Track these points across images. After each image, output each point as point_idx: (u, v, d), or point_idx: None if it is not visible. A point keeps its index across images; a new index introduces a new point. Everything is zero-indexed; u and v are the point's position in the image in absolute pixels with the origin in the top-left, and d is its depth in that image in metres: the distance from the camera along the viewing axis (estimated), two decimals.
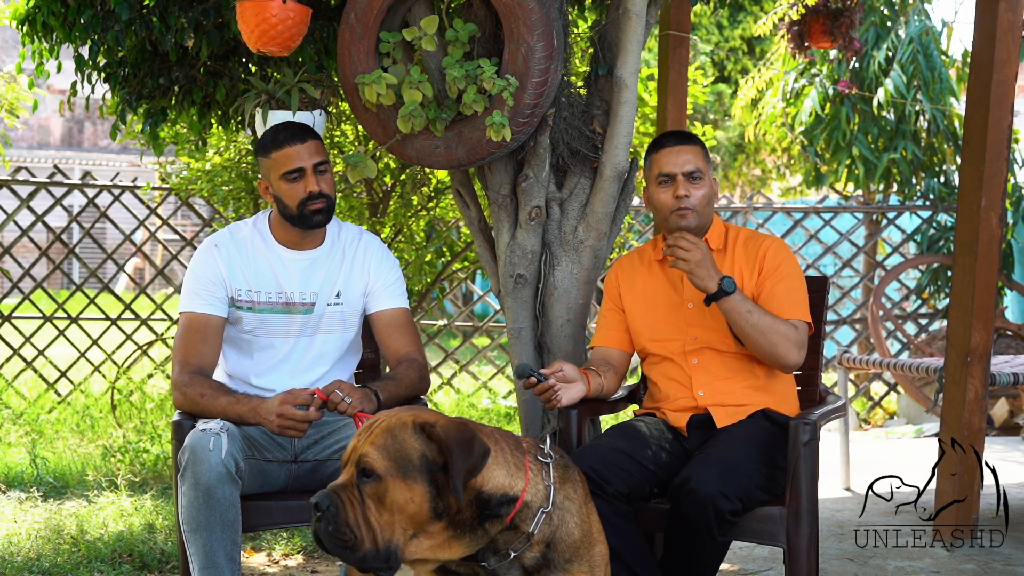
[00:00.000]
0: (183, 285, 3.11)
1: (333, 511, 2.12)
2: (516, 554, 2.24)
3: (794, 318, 2.96)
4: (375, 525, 2.13)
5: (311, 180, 3.03)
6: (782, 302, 2.97)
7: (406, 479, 2.15)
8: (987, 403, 4.03)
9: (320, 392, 2.83)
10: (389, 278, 3.19)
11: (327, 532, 2.12)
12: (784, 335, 2.91)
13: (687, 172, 3.01)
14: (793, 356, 2.93)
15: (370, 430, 2.20)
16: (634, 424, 3.00)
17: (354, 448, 2.19)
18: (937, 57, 7.51)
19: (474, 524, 2.20)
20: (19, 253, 16.27)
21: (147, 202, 7.12)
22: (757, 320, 2.89)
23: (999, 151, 3.94)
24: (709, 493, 2.60)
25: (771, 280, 3.00)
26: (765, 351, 2.92)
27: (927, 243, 7.59)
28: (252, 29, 3.28)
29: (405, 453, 2.16)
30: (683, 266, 2.89)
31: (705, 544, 2.65)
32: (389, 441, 2.17)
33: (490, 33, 3.35)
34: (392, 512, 2.14)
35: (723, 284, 2.87)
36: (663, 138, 3.10)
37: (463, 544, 2.20)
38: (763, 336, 2.90)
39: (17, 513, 4.49)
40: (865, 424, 7.45)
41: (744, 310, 2.88)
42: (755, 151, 11.11)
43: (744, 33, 12.87)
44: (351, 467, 2.17)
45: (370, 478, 2.15)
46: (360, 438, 2.20)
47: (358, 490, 2.14)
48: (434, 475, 2.16)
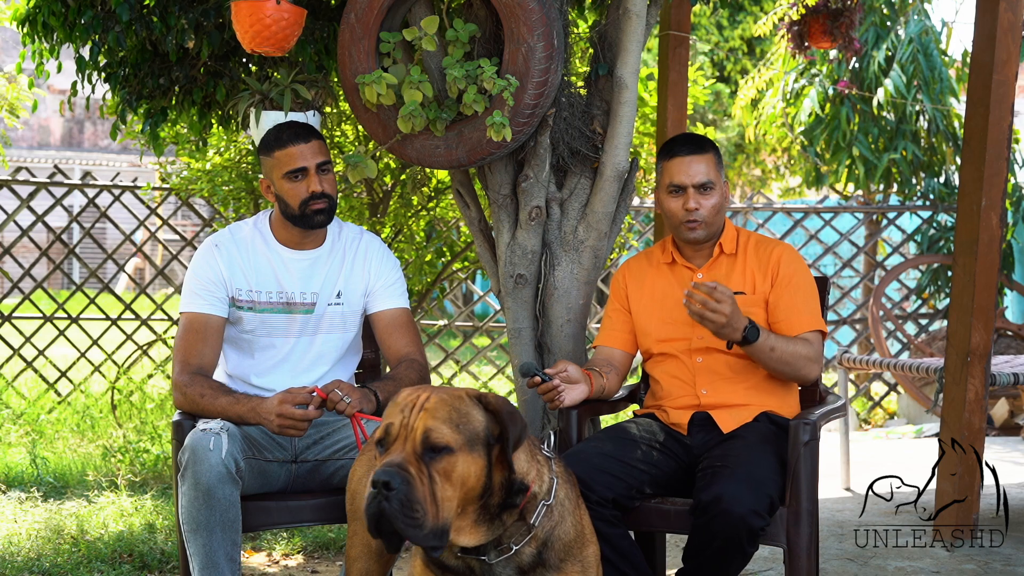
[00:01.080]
0: (184, 285, 3.11)
1: (405, 488, 2.05)
2: (516, 548, 2.23)
3: (811, 329, 2.97)
4: (439, 501, 2.09)
5: (314, 180, 3.03)
6: (801, 314, 2.98)
7: (472, 452, 2.13)
8: (987, 403, 4.03)
9: (319, 391, 2.83)
10: (390, 278, 3.19)
11: (396, 511, 2.04)
12: (806, 358, 2.93)
13: (698, 184, 3.00)
14: (814, 373, 2.98)
15: (417, 406, 2.14)
16: (623, 426, 3.00)
17: (405, 425, 2.12)
18: (937, 57, 7.51)
19: (497, 511, 2.19)
20: (19, 253, 16.28)
21: (147, 202, 7.12)
22: (780, 354, 2.90)
23: (999, 151, 3.94)
24: (741, 513, 2.59)
25: (788, 291, 3.00)
26: (789, 376, 2.97)
27: (927, 243, 7.59)
28: (247, 29, 3.29)
29: (472, 426, 2.15)
30: (710, 326, 2.80)
31: (735, 558, 2.66)
32: (454, 415, 2.14)
33: (490, 33, 3.35)
34: (455, 487, 2.11)
35: (747, 333, 2.83)
36: (676, 144, 3.07)
37: (482, 531, 2.19)
38: (787, 366, 2.93)
39: (17, 513, 4.49)
40: (865, 424, 7.45)
41: (767, 348, 2.88)
42: (755, 151, 11.11)
43: (744, 33, 12.87)
44: (410, 443, 2.10)
45: (440, 452, 2.10)
46: (408, 414, 2.13)
47: (425, 466, 2.09)
48: (489, 448, 2.16)
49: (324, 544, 4.15)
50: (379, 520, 2.07)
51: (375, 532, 2.08)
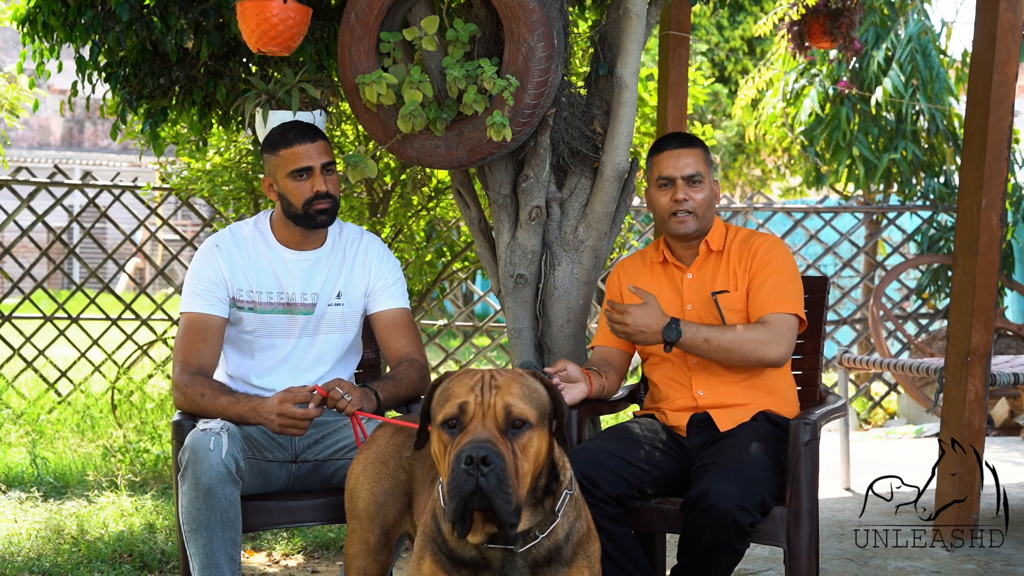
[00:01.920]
0: (184, 285, 3.10)
1: (500, 463, 2.05)
2: (541, 536, 2.21)
3: (778, 311, 2.94)
4: (520, 476, 2.10)
5: (318, 179, 3.03)
6: (768, 295, 2.96)
7: (543, 427, 2.16)
8: (987, 403, 4.03)
9: (320, 389, 2.83)
10: (390, 278, 3.19)
11: (494, 486, 2.04)
12: (754, 340, 2.90)
13: (687, 176, 3.02)
14: (772, 353, 2.92)
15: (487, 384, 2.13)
16: (627, 426, 3.01)
17: (480, 402, 2.11)
18: (935, 57, 7.51)
19: (541, 495, 2.20)
20: (19, 253, 16.28)
21: (147, 202, 7.12)
22: (718, 344, 2.89)
23: (999, 151, 3.94)
24: (728, 508, 2.60)
25: (760, 275, 2.99)
26: (743, 363, 2.94)
27: (927, 243, 7.59)
28: (252, 29, 3.29)
29: (542, 402, 2.17)
30: (622, 336, 2.95)
31: (724, 554, 2.66)
32: (527, 390, 2.15)
33: (490, 33, 3.35)
34: (531, 463, 2.13)
35: (665, 336, 2.89)
36: (664, 140, 3.10)
37: (527, 515, 2.18)
38: (731, 353, 2.91)
39: (18, 513, 4.49)
40: (865, 424, 7.45)
41: (700, 341, 2.90)
42: (755, 151, 11.11)
43: (744, 34, 12.87)
44: (491, 420, 2.10)
45: (522, 428, 2.11)
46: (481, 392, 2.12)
47: (509, 441, 2.10)
48: (550, 425, 2.19)
49: (324, 544, 4.16)
50: (470, 498, 2.05)
51: (461, 512, 2.07)
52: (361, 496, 2.67)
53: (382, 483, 2.65)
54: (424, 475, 2.59)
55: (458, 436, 2.11)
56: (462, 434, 2.11)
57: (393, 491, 2.64)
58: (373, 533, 2.64)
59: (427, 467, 2.59)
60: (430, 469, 2.56)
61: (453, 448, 2.09)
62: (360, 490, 2.67)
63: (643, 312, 2.91)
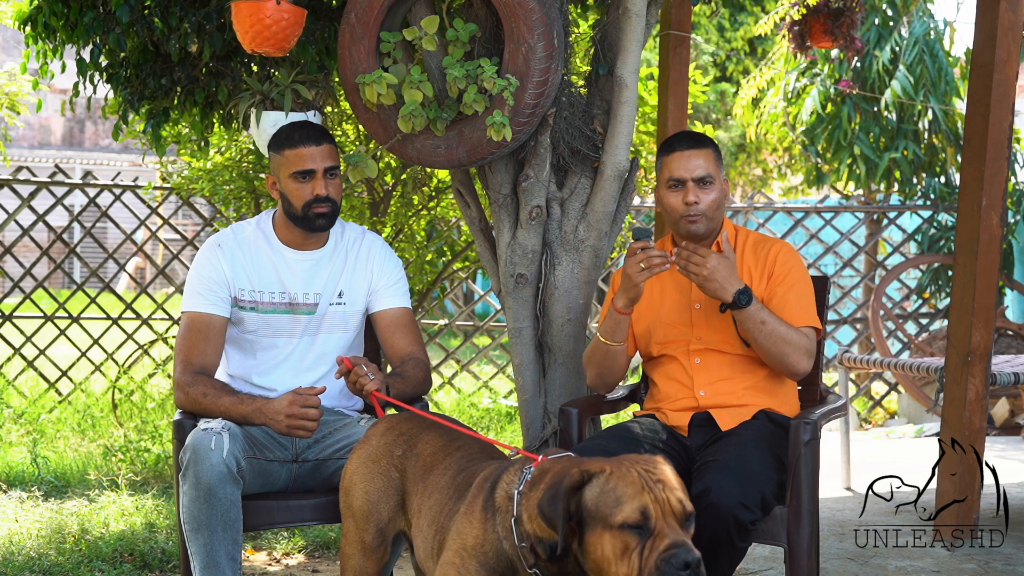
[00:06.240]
0: (186, 285, 3.11)
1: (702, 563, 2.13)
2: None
3: (804, 325, 2.97)
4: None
5: (320, 183, 3.04)
6: (793, 309, 2.97)
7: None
8: (988, 403, 4.03)
9: (347, 360, 2.83)
10: (392, 277, 3.19)
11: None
12: (796, 344, 2.92)
13: (697, 177, 3.01)
14: (803, 365, 2.95)
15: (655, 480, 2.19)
16: (626, 425, 3.00)
17: (659, 501, 2.16)
18: (943, 57, 7.51)
19: None
20: (20, 253, 16.27)
21: (148, 201, 7.12)
22: (771, 330, 2.89)
23: (1000, 151, 3.94)
24: (729, 505, 2.60)
25: (782, 286, 3.00)
26: (776, 360, 2.93)
27: (928, 243, 7.59)
28: (247, 30, 3.29)
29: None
30: (695, 279, 2.89)
31: (726, 551, 2.66)
32: (680, 480, 2.24)
33: (490, 33, 3.35)
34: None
35: (738, 296, 2.86)
36: (675, 140, 3.08)
37: None
38: (775, 346, 2.90)
39: (18, 512, 4.49)
40: (866, 424, 7.45)
41: (759, 320, 2.88)
42: (756, 150, 11.11)
43: (745, 34, 12.87)
44: (673, 519, 2.15)
45: (691, 520, 2.19)
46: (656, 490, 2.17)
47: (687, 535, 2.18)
48: None
49: (325, 543, 4.16)
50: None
51: None
52: (356, 495, 2.67)
53: (375, 481, 2.66)
54: (417, 474, 2.60)
55: (649, 539, 2.13)
56: (656, 537, 2.13)
57: (386, 489, 2.65)
58: (368, 531, 2.65)
59: (419, 466, 2.60)
60: (423, 468, 2.58)
61: (652, 553, 2.11)
62: (354, 489, 2.68)
63: (724, 263, 2.88)
